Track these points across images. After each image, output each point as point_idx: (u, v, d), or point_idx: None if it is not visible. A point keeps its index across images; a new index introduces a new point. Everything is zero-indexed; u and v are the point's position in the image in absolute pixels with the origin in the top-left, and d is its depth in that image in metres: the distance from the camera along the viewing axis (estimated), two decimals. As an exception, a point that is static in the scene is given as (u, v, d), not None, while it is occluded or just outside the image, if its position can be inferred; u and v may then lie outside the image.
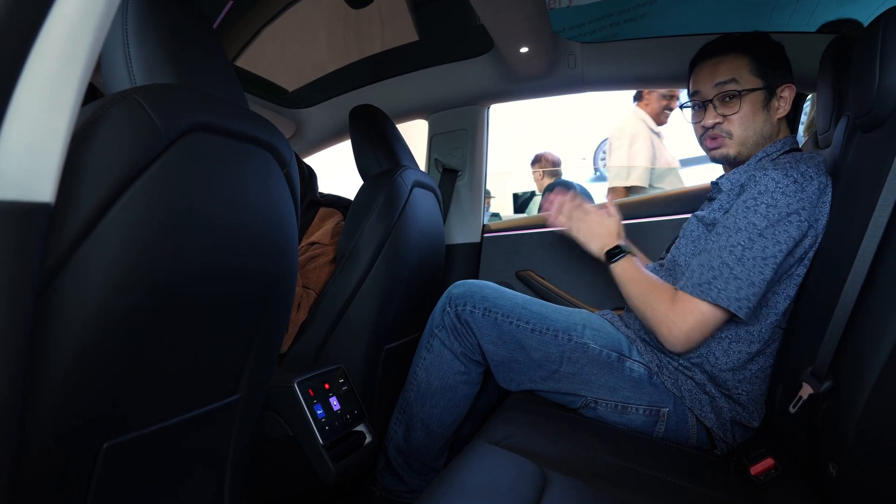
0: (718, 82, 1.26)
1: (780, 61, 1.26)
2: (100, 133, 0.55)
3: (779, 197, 1.09)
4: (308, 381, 1.23)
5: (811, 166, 1.12)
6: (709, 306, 1.11)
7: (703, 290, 1.11)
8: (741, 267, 1.09)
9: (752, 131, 1.26)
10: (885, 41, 0.92)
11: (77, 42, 0.45)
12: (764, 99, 1.25)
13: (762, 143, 1.27)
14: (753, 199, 1.11)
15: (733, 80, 1.25)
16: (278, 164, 0.83)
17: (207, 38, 0.79)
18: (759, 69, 1.24)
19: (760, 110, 1.25)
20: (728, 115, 1.26)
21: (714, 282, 1.10)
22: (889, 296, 0.80)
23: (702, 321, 1.13)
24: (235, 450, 0.90)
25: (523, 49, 1.74)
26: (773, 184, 1.10)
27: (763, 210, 1.09)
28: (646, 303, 1.20)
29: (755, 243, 1.09)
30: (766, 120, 1.25)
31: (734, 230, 1.12)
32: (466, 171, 2.15)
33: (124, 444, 0.66)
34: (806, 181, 1.09)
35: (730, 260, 1.10)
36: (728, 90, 1.25)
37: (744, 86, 1.24)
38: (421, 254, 1.63)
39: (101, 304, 0.57)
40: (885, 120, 0.93)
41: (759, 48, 1.25)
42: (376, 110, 1.66)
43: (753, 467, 1.03)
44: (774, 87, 1.25)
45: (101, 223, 0.55)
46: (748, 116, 1.25)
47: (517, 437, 1.10)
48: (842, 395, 0.86)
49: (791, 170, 1.10)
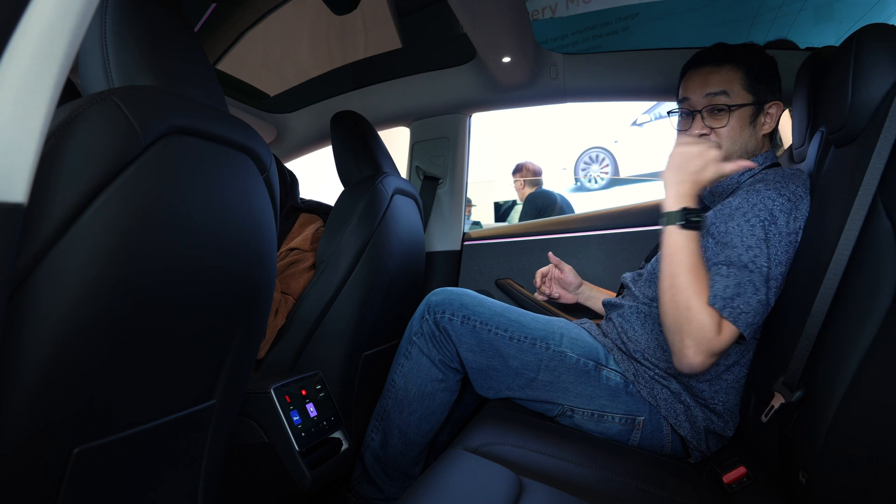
0: (709, 93, 1.24)
1: (772, 77, 1.26)
2: (75, 134, 0.54)
3: (777, 214, 1.08)
4: (285, 388, 1.22)
5: (799, 185, 1.12)
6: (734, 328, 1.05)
7: (732, 313, 1.04)
8: (765, 289, 1.05)
9: (738, 146, 1.25)
10: (858, 59, 0.94)
11: (54, 40, 0.44)
12: (752, 114, 1.24)
13: (744, 158, 1.26)
14: (757, 216, 1.09)
15: (724, 92, 1.23)
16: (258, 169, 0.83)
17: (188, 42, 0.79)
18: (751, 84, 1.23)
19: (747, 126, 1.24)
20: (716, 128, 1.24)
21: (738, 299, 1.04)
22: (858, 308, 0.82)
23: (728, 345, 1.06)
24: (210, 456, 0.88)
25: (506, 59, 1.75)
26: (771, 202, 1.09)
27: (769, 228, 1.07)
28: (689, 297, 1.06)
29: (772, 270, 1.06)
30: (751, 135, 1.25)
31: (744, 248, 1.07)
32: (447, 178, 2.16)
33: (96, 448, 0.65)
34: (797, 199, 1.10)
35: (758, 281, 1.05)
36: (718, 103, 1.23)
37: (734, 100, 1.23)
38: (401, 261, 1.63)
39: (75, 306, 0.56)
40: (858, 136, 0.95)
41: (753, 62, 1.25)
42: (358, 117, 1.66)
43: (726, 476, 1.04)
44: (763, 103, 1.24)
45: (75, 225, 0.55)
46: (735, 131, 1.24)
47: (494, 444, 1.10)
48: (812, 405, 0.87)
49: (784, 189, 1.10)
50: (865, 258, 0.83)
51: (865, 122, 0.93)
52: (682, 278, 1.07)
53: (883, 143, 0.83)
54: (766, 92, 1.25)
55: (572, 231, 1.99)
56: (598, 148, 7.86)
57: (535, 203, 4.34)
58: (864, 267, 0.83)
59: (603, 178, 7.86)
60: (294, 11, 2.22)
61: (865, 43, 0.94)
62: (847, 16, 2.65)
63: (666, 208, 1.13)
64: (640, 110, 7.46)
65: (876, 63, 0.92)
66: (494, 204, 5.33)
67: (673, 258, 1.10)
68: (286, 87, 2.34)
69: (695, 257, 1.09)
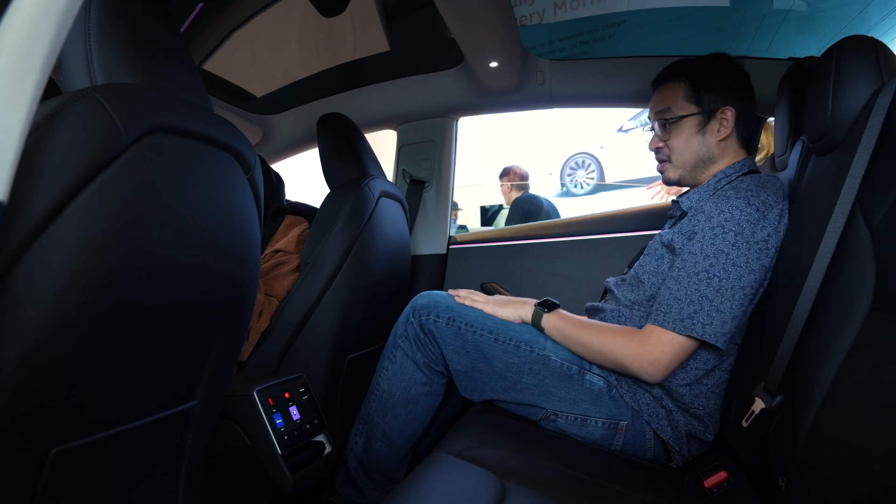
0: (657, 111, 1.35)
1: (719, 84, 1.30)
2: (57, 131, 0.54)
3: (745, 225, 1.11)
4: (268, 390, 1.21)
5: (770, 193, 1.15)
6: (685, 338, 1.12)
7: (687, 326, 1.11)
8: (720, 297, 1.10)
9: (689, 156, 1.32)
10: (839, 70, 0.96)
11: (37, 37, 0.44)
12: (699, 123, 1.31)
13: (706, 165, 1.32)
14: (721, 226, 1.13)
15: (668, 108, 1.33)
16: (242, 169, 0.83)
17: (173, 41, 0.78)
18: (694, 95, 1.30)
19: (695, 135, 1.31)
20: (667, 141, 1.35)
21: (696, 316, 1.11)
22: (837, 315, 0.83)
23: (680, 352, 1.14)
24: (191, 458, 0.88)
25: (493, 63, 1.76)
26: (738, 212, 1.12)
27: (731, 238, 1.11)
28: (610, 341, 1.19)
29: (730, 273, 1.10)
30: (702, 143, 1.31)
31: (702, 256, 1.13)
32: (434, 182, 2.16)
33: (74, 449, 0.64)
34: (767, 209, 1.12)
35: (708, 292, 1.11)
36: (664, 118, 1.34)
37: (676, 113, 1.32)
38: (386, 264, 1.62)
39: (55, 303, 0.55)
40: (838, 145, 0.96)
41: (696, 73, 1.31)
42: (345, 119, 1.65)
43: (707, 480, 1.05)
44: (713, 111, 1.29)
45: (55, 222, 0.54)
46: (683, 142, 1.32)
47: (477, 448, 1.10)
48: (792, 410, 0.88)
49: (753, 198, 1.13)
50: (844, 265, 0.85)
51: (845, 132, 0.94)
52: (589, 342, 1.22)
53: (862, 153, 0.85)
54: (713, 99, 1.30)
55: (558, 236, 2.00)
56: (584, 153, 7.91)
57: (521, 207, 4.36)
58: (843, 274, 0.85)
59: (589, 184, 7.90)
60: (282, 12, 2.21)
61: (846, 55, 0.96)
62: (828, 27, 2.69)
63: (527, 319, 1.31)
64: (625, 117, 7.51)
65: (856, 74, 0.94)
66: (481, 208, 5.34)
67: (568, 336, 1.25)
68: (273, 88, 2.33)
69: (578, 321, 1.26)
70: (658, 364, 1.13)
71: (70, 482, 0.66)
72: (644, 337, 1.16)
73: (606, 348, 1.19)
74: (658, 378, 1.15)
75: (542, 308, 1.29)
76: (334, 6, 1.96)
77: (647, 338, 1.15)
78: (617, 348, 1.17)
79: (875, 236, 0.81)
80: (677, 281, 1.15)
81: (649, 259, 1.30)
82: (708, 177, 1.33)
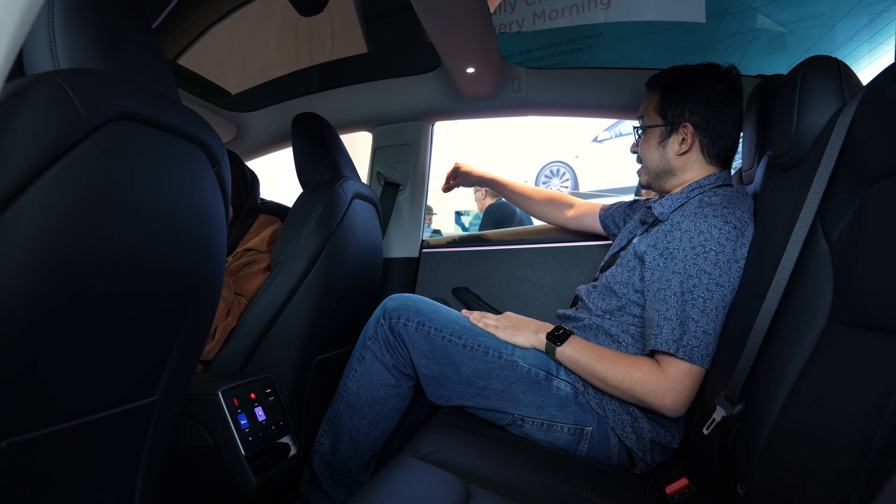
0: (637, 116, 1.41)
1: (686, 99, 1.31)
2: (14, 115, 0.52)
3: (725, 244, 1.13)
4: (233, 390, 1.19)
5: (745, 210, 1.18)
6: (693, 366, 1.11)
7: (686, 351, 1.10)
8: (706, 319, 1.11)
9: (651, 164, 1.37)
10: (804, 88, 0.99)
11: (2, 21, 0.43)
12: (660, 136, 1.34)
13: (667, 176, 1.36)
14: (702, 245, 1.13)
15: (642, 116, 1.39)
16: (209, 162, 0.81)
17: (141, 28, 0.77)
18: (661, 107, 1.34)
19: (655, 146, 1.36)
20: (639, 147, 1.41)
21: (685, 337, 1.11)
22: (797, 326, 0.85)
23: (695, 382, 1.12)
24: (149, 457, 0.86)
25: (470, 69, 1.77)
26: (717, 231, 1.13)
27: (713, 257, 1.12)
28: (629, 377, 1.15)
29: (714, 293, 1.11)
30: (661, 156, 1.35)
31: (685, 276, 1.13)
32: (408, 185, 2.16)
33: (25, 442, 0.62)
34: (743, 226, 1.15)
35: (693, 313, 1.11)
36: (638, 125, 1.40)
37: (646, 122, 1.37)
38: (357, 266, 1.61)
39: (7, 291, 0.54)
40: (801, 161, 0.99)
41: (667, 86, 1.34)
42: (320, 119, 1.64)
43: (668, 487, 1.07)
44: (676, 125, 1.32)
45: (10, 208, 0.52)
46: (647, 151, 1.38)
47: (443, 452, 1.10)
48: (751, 419, 0.90)
49: (729, 216, 1.15)
50: (804, 278, 0.87)
51: (808, 148, 0.97)
52: (606, 376, 1.18)
53: (823, 169, 0.87)
54: (675, 114, 1.32)
55: (530, 242, 2.01)
56: (558, 162, 7.98)
57: (494, 214, 4.38)
58: (803, 286, 0.87)
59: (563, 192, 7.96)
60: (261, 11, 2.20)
61: (810, 74, 0.98)
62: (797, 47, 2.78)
63: (540, 348, 1.29)
64: (600, 127, 7.60)
65: (819, 93, 0.96)
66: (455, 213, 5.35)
67: (584, 368, 1.22)
68: (249, 85, 2.31)
69: (592, 351, 1.22)
70: (680, 399, 1.11)
71: (19, 476, 0.63)
72: (662, 372, 1.13)
73: (625, 385, 1.15)
74: (681, 413, 1.13)
75: (555, 343, 1.26)
76: (312, 6, 1.95)
77: (665, 373, 1.13)
78: (636, 385, 1.14)
79: (834, 250, 0.83)
80: (665, 302, 1.14)
81: (622, 269, 1.31)
82: (675, 186, 1.35)
